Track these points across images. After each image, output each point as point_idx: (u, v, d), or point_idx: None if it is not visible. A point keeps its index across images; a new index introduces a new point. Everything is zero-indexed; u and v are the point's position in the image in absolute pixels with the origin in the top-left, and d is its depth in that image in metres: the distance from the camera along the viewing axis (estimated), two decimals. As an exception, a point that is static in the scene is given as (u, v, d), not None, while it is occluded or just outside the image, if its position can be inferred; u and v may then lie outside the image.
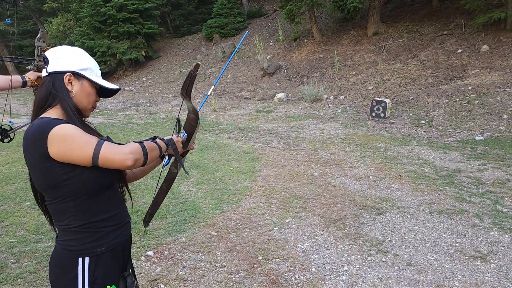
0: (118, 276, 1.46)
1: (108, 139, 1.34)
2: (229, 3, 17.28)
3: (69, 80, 1.40)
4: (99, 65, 1.59)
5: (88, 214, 1.36)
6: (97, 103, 1.52)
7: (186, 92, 1.55)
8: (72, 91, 1.40)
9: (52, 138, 1.25)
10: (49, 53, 1.44)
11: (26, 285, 2.84)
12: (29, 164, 1.34)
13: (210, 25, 17.38)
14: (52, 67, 1.41)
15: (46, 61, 1.43)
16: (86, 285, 1.36)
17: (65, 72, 1.40)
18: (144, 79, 16.45)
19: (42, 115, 1.35)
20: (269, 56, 13.52)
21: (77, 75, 1.41)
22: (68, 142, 1.25)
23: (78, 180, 1.31)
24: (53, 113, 1.36)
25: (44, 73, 1.44)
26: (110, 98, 14.09)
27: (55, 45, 2.64)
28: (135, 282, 1.54)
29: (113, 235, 1.43)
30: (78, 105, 1.42)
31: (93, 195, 1.37)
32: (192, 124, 1.60)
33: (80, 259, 1.36)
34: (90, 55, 1.50)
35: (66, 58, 1.41)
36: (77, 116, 1.39)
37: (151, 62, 18.02)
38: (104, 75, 17.62)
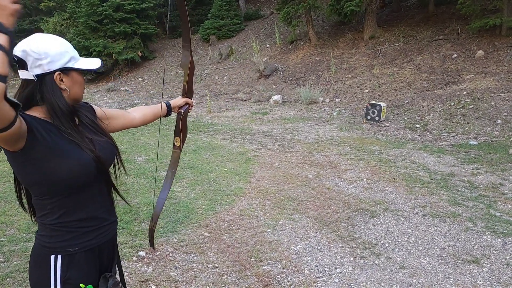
0: (94, 277, 1.41)
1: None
2: (226, 5, 17.27)
3: (60, 79, 1.28)
4: None
5: (63, 212, 1.32)
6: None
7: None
8: (66, 89, 1.29)
9: None
10: (21, 52, 1.22)
11: (15, 284, 2.80)
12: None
13: (207, 26, 17.36)
14: (34, 70, 1.24)
15: (22, 63, 1.24)
16: (58, 283, 1.32)
17: (53, 72, 1.26)
18: (140, 79, 16.39)
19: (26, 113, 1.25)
20: (265, 58, 13.52)
21: (65, 71, 1.29)
22: None
23: (49, 179, 1.26)
24: (37, 111, 1.27)
25: (24, 75, 1.25)
26: (105, 98, 14.02)
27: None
28: (119, 284, 1.48)
29: (89, 236, 1.38)
30: (74, 99, 1.34)
31: (69, 194, 1.31)
32: (186, 56, 1.83)
33: (52, 256, 1.33)
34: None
35: (48, 55, 1.24)
36: (66, 118, 1.29)
37: (147, 63, 17.96)
38: (100, 75, 17.56)
